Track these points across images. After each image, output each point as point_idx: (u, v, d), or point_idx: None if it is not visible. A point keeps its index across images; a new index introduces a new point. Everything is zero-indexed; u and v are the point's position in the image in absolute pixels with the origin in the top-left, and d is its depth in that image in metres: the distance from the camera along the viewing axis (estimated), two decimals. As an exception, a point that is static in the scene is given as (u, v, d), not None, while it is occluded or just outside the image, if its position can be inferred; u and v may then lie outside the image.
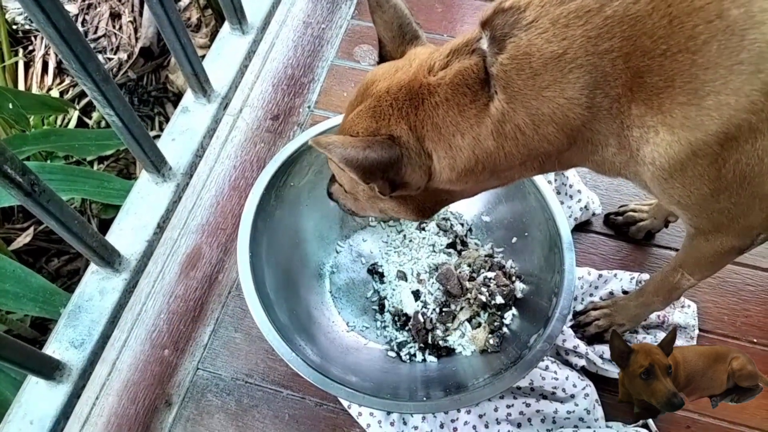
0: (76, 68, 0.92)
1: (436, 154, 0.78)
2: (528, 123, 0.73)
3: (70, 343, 1.08)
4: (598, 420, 1.14)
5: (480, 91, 0.74)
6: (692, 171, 0.71)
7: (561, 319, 1.06)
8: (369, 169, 0.77)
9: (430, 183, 0.81)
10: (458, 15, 1.70)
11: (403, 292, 1.25)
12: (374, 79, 0.84)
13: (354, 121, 0.83)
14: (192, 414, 1.21)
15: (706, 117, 0.66)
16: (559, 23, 0.68)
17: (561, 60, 0.68)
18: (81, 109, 2.25)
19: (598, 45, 0.66)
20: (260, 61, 1.55)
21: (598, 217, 1.37)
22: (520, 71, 0.70)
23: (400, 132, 0.78)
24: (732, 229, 0.83)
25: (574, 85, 0.69)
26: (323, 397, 1.21)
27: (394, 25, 0.87)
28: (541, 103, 0.71)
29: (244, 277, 1.09)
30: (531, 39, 0.69)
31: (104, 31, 2.56)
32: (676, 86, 0.66)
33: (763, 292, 1.28)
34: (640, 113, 0.69)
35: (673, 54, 0.65)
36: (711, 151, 0.68)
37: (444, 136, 0.77)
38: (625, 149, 0.73)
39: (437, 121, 0.77)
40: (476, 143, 0.76)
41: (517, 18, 0.70)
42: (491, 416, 1.13)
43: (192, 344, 1.28)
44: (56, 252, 2.03)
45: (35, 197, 0.89)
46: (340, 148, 0.76)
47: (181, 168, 1.23)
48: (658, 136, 0.69)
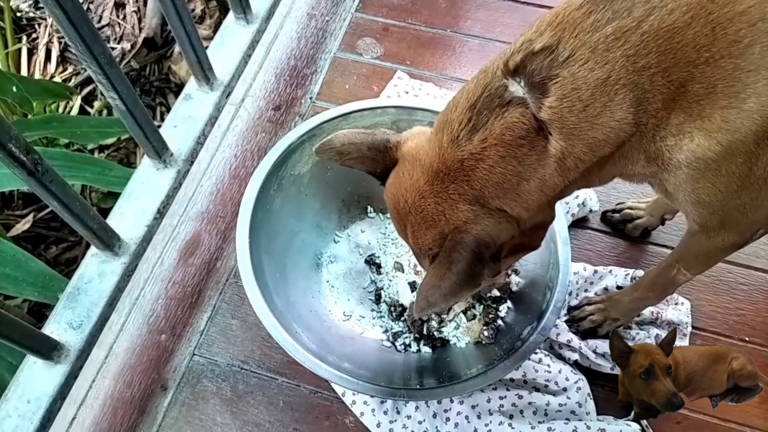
0: (81, 51, 0.92)
1: (508, 206, 0.78)
2: (587, 152, 0.74)
3: (69, 324, 1.09)
4: (589, 413, 1.15)
5: (535, 138, 0.74)
6: (726, 170, 0.73)
7: (555, 312, 1.07)
8: (469, 278, 0.77)
9: (520, 227, 0.81)
10: (462, 11, 1.71)
11: (399, 283, 1.26)
12: (397, 200, 0.83)
13: (418, 244, 0.82)
14: (187, 399, 1.22)
15: (746, 119, 0.68)
16: (599, 49, 0.68)
17: (606, 84, 0.69)
18: (83, 97, 2.26)
19: (636, 63, 0.68)
20: (263, 52, 1.56)
21: (595, 213, 1.38)
22: (571, 108, 0.70)
23: (464, 215, 0.77)
24: (738, 225, 0.85)
25: (621, 105, 0.70)
26: (318, 385, 1.22)
27: (364, 152, 0.87)
28: (596, 131, 0.72)
29: (242, 263, 1.10)
30: (574, 73, 0.69)
31: (108, 21, 2.57)
32: (717, 91, 0.67)
33: (755, 292, 1.29)
34: (679, 121, 0.70)
35: (716, 60, 0.66)
36: (747, 150, 0.70)
37: (508, 189, 0.76)
38: (654, 160, 0.75)
39: (497, 180, 0.76)
40: (543, 183, 0.77)
41: (553, 57, 0.70)
42: (484, 407, 1.14)
43: (189, 330, 1.29)
44: (55, 239, 2.04)
45: (38, 177, 0.90)
46: (437, 293, 0.77)
47: (183, 154, 1.24)
48: (693, 142, 0.71)
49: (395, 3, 1.73)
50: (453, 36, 1.68)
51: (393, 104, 1.24)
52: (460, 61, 1.63)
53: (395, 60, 1.62)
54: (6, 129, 0.81)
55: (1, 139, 0.81)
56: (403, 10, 1.72)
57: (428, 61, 1.63)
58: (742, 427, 1.16)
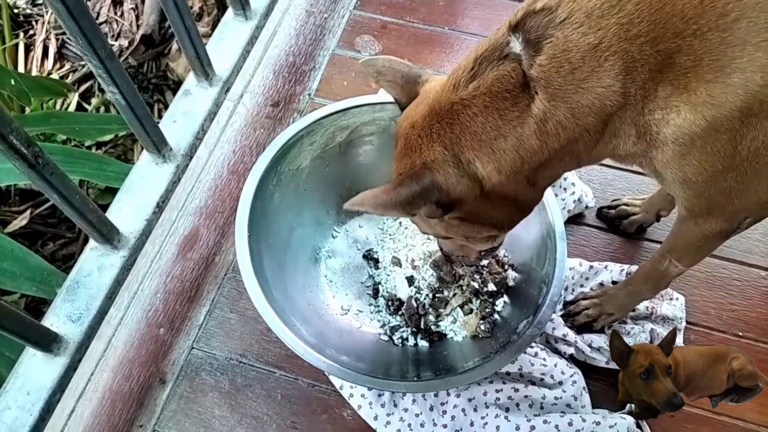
0: (82, 44, 0.93)
1: (480, 160, 0.79)
2: (569, 117, 0.74)
3: (68, 317, 1.10)
4: (584, 407, 1.16)
5: (520, 94, 0.75)
6: (711, 147, 0.73)
7: (551, 306, 1.08)
8: (405, 204, 0.80)
9: (485, 190, 0.83)
10: (460, 9, 1.72)
11: (397, 278, 1.27)
12: (400, 124, 0.87)
13: (395, 167, 0.87)
14: (186, 392, 1.23)
15: (731, 94, 0.68)
16: (594, 15, 0.69)
17: (597, 50, 0.70)
18: (80, 94, 2.26)
19: (628, 30, 0.68)
20: (262, 48, 1.56)
21: (591, 210, 1.39)
22: (559, 68, 0.71)
23: (434, 154, 0.80)
24: (725, 210, 0.85)
25: (609, 72, 0.70)
26: (316, 378, 1.23)
27: (398, 79, 0.92)
28: (581, 96, 0.72)
29: (241, 257, 1.10)
30: (567, 35, 0.70)
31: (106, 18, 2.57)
32: (704, 65, 0.68)
33: (749, 287, 1.31)
34: (666, 94, 0.71)
35: (703, 33, 0.66)
36: (731, 127, 0.71)
37: (485, 141, 0.78)
38: (644, 136, 0.75)
39: (476, 129, 0.78)
40: (520, 143, 0.78)
41: (551, 18, 0.71)
42: (480, 400, 1.15)
43: (187, 324, 1.29)
44: (52, 236, 2.04)
45: (39, 169, 0.90)
46: (371, 199, 0.80)
47: (182, 149, 1.25)
48: (679, 116, 0.71)
49: (393, 1, 1.74)
50: (451, 33, 1.69)
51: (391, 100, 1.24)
52: (458, 58, 1.64)
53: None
54: (7, 121, 0.82)
55: (2, 132, 0.82)
56: (402, 7, 1.73)
57: (426, 59, 1.64)
58: (735, 420, 1.18)
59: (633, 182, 1.43)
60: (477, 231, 0.93)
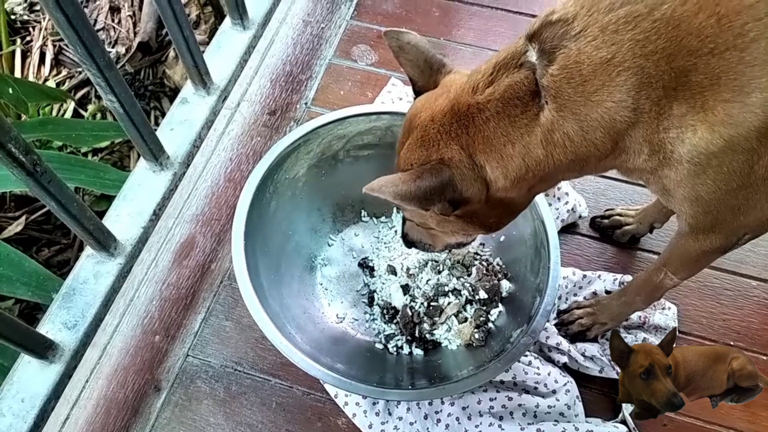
0: (81, 53, 0.94)
1: (489, 165, 0.81)
2: (576, 130, 0.75)
3: (63, 324, 1.10)
4: (578, 415, 1.17)
5: (531, 102, 0.76)
6: (728, 166, 0.73)
7: (544, 315, 1.09)
8: (424, 197, 0.81)
9: (490, 194, 0.84)
10: (455, 19, 1.74)
11: (392, 286, 1.28)
12: (416, 112, 0.87)
13: (406, 155, 0.87)
14: (180, 399, 1.23)
15: (749, 113, 0.68)
16: (609, 30, 0.70)
17: (609, 64, 0.70)
18: (77, 101, 2.26)
19: (645, 47, 0.69)
20: (259, 57, 1.57)
21: (585, 219, 1.41)
22: (570, 80, 0.72)
23: (452, 153, 0.81)
24: (727, 227, 0.86)
25: (621, 87, 0.71)
26: (311, 387, 1.23)
27: (420, 61, 0.91)
28: (590, 109, 0.73)
29: (237, 265, 1.11)
30: (581, 48, 0.71)
31: (103, 25, 2.58)
32: (721, 84, 0.68)
33: (740, 297, 1.32)
34: (682, 112, 0.71)
35: (720, 52, 0.67)
36: (749, 147, 0.71)
37: (495, 147, 0.79)
38: (657, 153, 0.76)
39: (488, 134, 0.79)
40: (526, 152, 0.79)
41: (566, 30, 0.72)
42: (474, 408, 1.16)
43: (183, 331, 1.30)
44: (47, 242, 2.04)
45: (37, 177, 0.91)
46: (391, 187, 0.80)
47: (179, 157, 1.25)
48: (696, 135, 0.71)
49: (390, 11, 1.76)
50: (446, 44, 1.70)
51: (388, 110, 1.26)
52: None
53: (390, 67, 1.65)
54: (6, 129, 0.82)
55: (1, 140, 0.82)
56: (398, 18, 1.74)
57: (422, 69, 1.64)
58: (727, 429, 1.19)
59: (626, 192, 1.45)
60: (466, 229, 0.95)
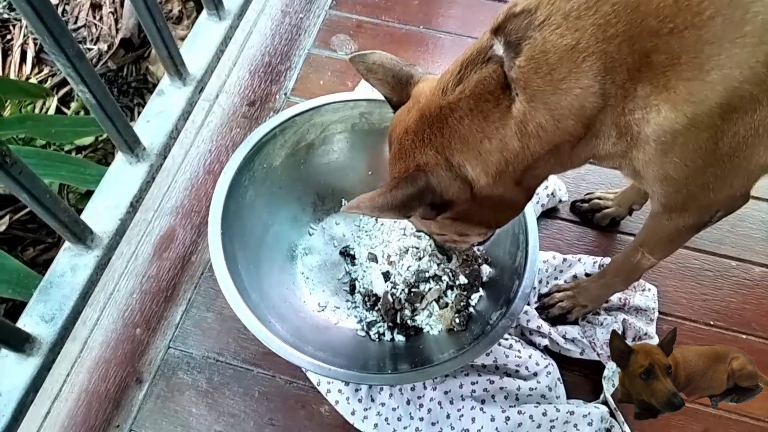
0: (49, 43, 0.93)
1: (469, 163, 0.81)
2: (548, 119, 0.75)
3: (41, 317, 1.09)
4: (559, 397, 1.18)
5: (501, 95, 0.76)
6: (693, 144, 0.73)
7: (523, 297, 1.10)
8: (401, 206, 0.81)
9: (475, 192, 0.84)
10: (435, 8, 1.74)
11: (373, 273, 1.28)
12: (393, 128, 0.88)
13: (390, 170, 0.88)
14: (162, 391, 1.23)
15: (710, 91, 0.68)
16: (571, 16, 0.70)
17: (574, 50, 0.70)
18: (59, 98, 2.25)
19: (606, 31, 0.69)
20: (237, 49, 1.57)
21: (565, 204, 1.41)
22: (537, 70, 0.72)
23: (426, 158, 0.81)
24: (698, 205, 0.86)
25: (587, 72, 0.71)
26: (293, 375, 1.23)
27: (389, 78, 0.91)
28: (559, 97, 0.73)
29: (215, 255, 1.10)
30: (545, 36, 0.71)
31: (84, 22, 2.56)
32: (682, 62, 0.68)
33: (720, 277, 1.33)
34: (646, 93, 0.71)
35: (679, 31, 0.67)
36: (712, 123, 0.71)
37: (472, 144, 0.79)
38: (625, 136, 0.76)
39: (463, 132, 0.79)
40: (503, 145, 0.78)
41: (530, 20, 0.72)
42: (456, 392, 1.16)
43: (164, 323, 1.29)
44: (32, 241, 2.03)
45: (6, 168, 0.90)
46: (368, 202, 0.80)
47: (155, 148, 1.24)
48: (660, 115, 0.71)
49: (368, 0, 1.75)
50: (426, 32, 1.70)
51: (364, 98, 1.26)
52: (434, 56, 1.66)
53: (369, 56, 1.64)
54: (-27, 119, 0.82)
55: (-32, 130, 0.82)
56: (377, 7, 1.74)
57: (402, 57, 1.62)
58: (717, 410, 1.19)
59: (606, 176, 1.45)
60: (468, 229, 0.95)
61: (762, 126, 0.71)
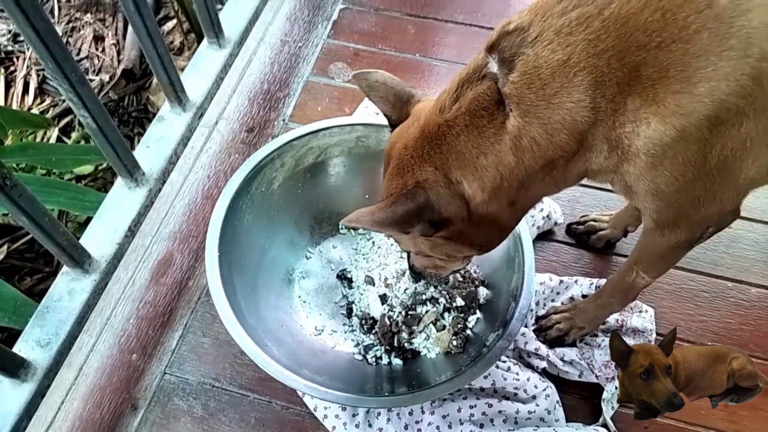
0: (52, 68, 0.95)
1: (465, 179, 0.82)
2: (542, 133, 0.76)
3: (36, 342, 1.09)
4: (558, 420, 1.16)
5: (496, 111, 0.78)
6: (683, 156, 0.75)
7: (520, 318, 1.09)
8: (400, 221, 0.82)
9: (471, 210, 0.85)
10: (430, 36, 1.78)
11: (370, 296, 1.28)
12: (392, 145, 0.90)
13: (387, 186, 0.89)
14: (158, 418, 1.21)
15: (698, 103, 0.70)
16: (563, 32, 0.72)
17: (566, 65, 0.72)
18: (60, 129, 2.28)
19: (596, 46, 0.71)
20: (237, 76, 1.60)
21: (560, 226, 1.42)
22: (530, 85, 0.74)
23: (426, 175, 0.82)
24: (690, 220, 0.87)
25: (578, 87, 0.73)
26: (290, 401, 1.22)
27: (390, 96, 0.94)
28: (552, 111, 0.75)
29: (212, 278, 1.10)
30: (538, 52, 0.73)
31: (87, 53, 2.61)
32: (670, 76, 0.70)
33: (717, 299, 1.33)
34: (636, 107, 0.73)
35: (667, 45, 0.69)
36: (701, 136, 0.72)
37: (468, 160, 0.81)
38: (616, 149, 0.77)
39: (460, 148, 0.80)
40: (498, 160, 0.80)
41: (523, 37, 0.74)
42: (454, 416, 1.15)
43: (160, 349, 1.28)
44: (29, 270, 2.03)
45: (6, 191, 0.91)
46: (368, 216, 0.81)
47: (154, 173, 1.26)
48: (649, 128, 0.73)
49: (366, 30, 1.79)
50: (422, 60, 1.74)
51: (361, 122, 1.28)
52: (429, 83, 1.69)
53: (366, 84, 1.67)
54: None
55: (-30, 153, 0.83)
56: (374, 36, 1.78)
57: (398, 84, 1.67)
58: (708, 430, 1.18)
59: (600, 199, 1.47)
60: (458, 251, 0.95)
61: (749, 139, 0.72)
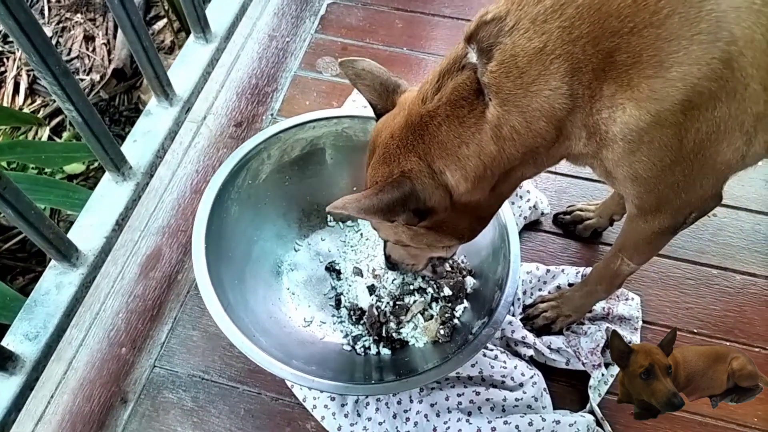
0: (36, 61, 0.95)
1: (448, 169, 0.83)
2: (521, 122, 0.77)
3: (24, 335, 1.09)
4: (545, 407, 1.17)
5: (476, 100, 0.78)
6: (659, 141, 0.75)
7: (505, 306, 1.10)
8: (386, 210, 0.83)
9: (454, 200, 0.86)
10: (417, 30, 1.79)
11: (358, 287, 1.29)
12: (377, 133, 0.91)
13: (372, 174, 0.90)
14: (148, 410, 1.21)
15: (671, 88, 0.71)
16: (538, 20, 0.73)
17: (542, 53, 0.73)
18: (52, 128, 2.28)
19: (571, 33, 0.71)
20: (225, 71, 1.60)
21: (547, 216, 1.43)
22: (508, 73, 0.74)
23: (411, 164, 0.83)
24: (671, 206, 0.88)
25: (555, 74, 0.73)
26: (279, 392, 1.23)
27: (376, 84, 0.94)
28: (530, 99, 0.75)
29: (198, 271, 1.11)
30: (515, 41, 0.74)
31: (77, 53, 2.61)
32: (643, 61, 0.70)
33: (702, 286, 1.34)
34: (611, 92, 0.73)
35: (639, 30, 0.69)
36: (675, 120, 0.73)
37: (450, 150, 0.81)
38: (594, 136, 0.78)
39: (442, 138, 0.81)
40: (480, 149, 0.80)
41: (500, 26, 0.75)
42: (442, 405, 1.16)
43: (149, 342, 1.29)
44: (21, 270, 2.02)
45: (-9, 183, 0.91)
46: (354, 203, 0.82)
47: (142, 167, 1.26)
48: (625, 113, 0.73)
49: (353, 24, 1.80)
50: (410, 54, 1.74)
51: (348, 114, 1.29)
52: (417, 77, 1.69)
53: (354, 78, 1.67)
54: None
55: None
56: (362, 30, 1.78)
57: (386, 78, 1.68)
58: (692, 415, 1.19)
59: (587, 189, 1.48)
60: (439, 240, 0.96)
61: (723, 123, 0.73)
